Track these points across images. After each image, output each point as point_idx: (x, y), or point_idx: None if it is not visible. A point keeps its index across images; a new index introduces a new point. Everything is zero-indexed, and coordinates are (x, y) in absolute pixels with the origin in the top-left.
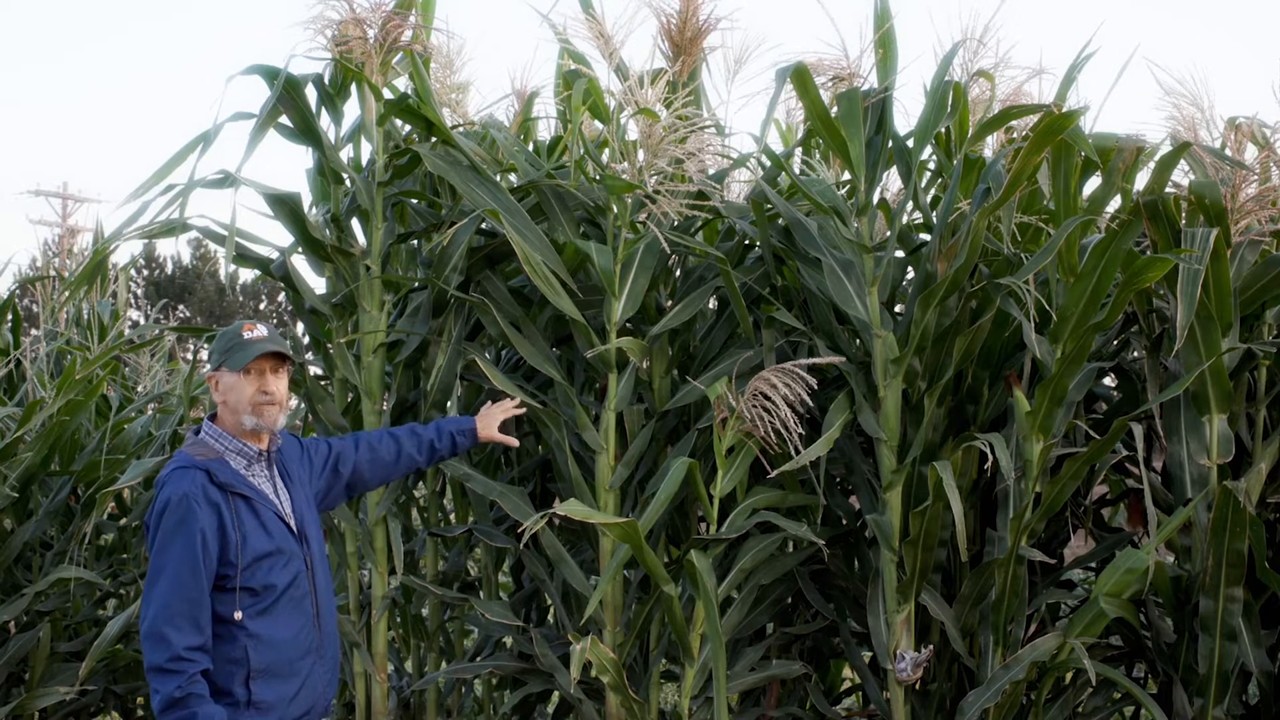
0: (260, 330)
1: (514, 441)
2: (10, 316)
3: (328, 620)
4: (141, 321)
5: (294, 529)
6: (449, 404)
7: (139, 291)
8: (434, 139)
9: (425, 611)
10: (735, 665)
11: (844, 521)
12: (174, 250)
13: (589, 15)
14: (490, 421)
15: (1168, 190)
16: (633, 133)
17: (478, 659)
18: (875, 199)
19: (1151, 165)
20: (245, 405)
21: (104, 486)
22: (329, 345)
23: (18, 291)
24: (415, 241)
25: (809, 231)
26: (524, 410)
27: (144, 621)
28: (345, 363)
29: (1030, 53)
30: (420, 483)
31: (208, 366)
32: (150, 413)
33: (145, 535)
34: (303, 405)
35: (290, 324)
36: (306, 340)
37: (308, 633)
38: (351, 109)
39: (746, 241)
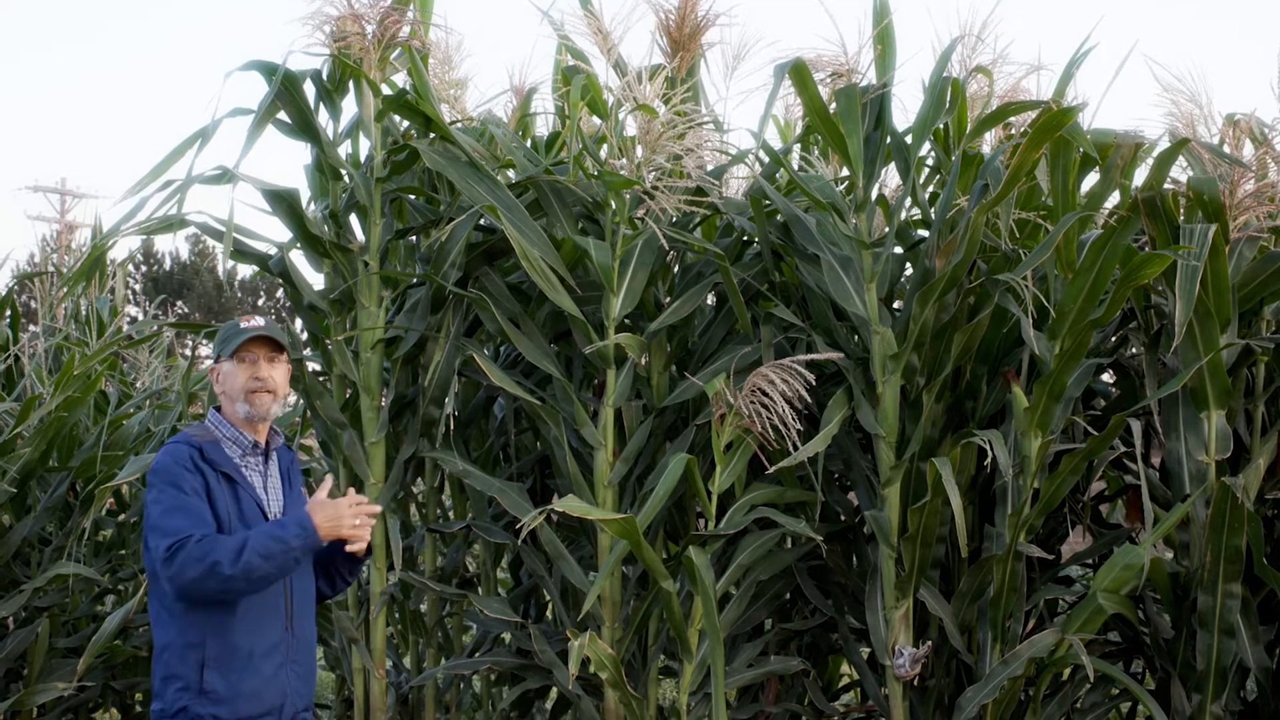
0: (257, 321)
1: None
2: (9, 312)
3: (302, 626)
4: (140, 317)
5: None
6: (447, 400)
7: (137, 287)
8: (432, 135)
9: (424, 607)
10: (733, 661)
11: (842, 517)
12: (172, 246)
13: (587, 11)
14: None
15: (1166, 186)
16: (631, 129)
17: (476, 655)
18: (874, 195)
19: (1150, 161)
20: (238, 392)
21: (102, 482)
22: (327, 341)
23: (16, 287)
24: (414, 237)
25: (807, 227)
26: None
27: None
28: (343, 359)
29: (1028, 48)
30: (419, 478)
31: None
32: (149, 409)
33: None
34: (301, 401)
35: (288, 320)
36: (305, 336)
37: (275, 633)
38: (350, 105)
39: (745, 237)
